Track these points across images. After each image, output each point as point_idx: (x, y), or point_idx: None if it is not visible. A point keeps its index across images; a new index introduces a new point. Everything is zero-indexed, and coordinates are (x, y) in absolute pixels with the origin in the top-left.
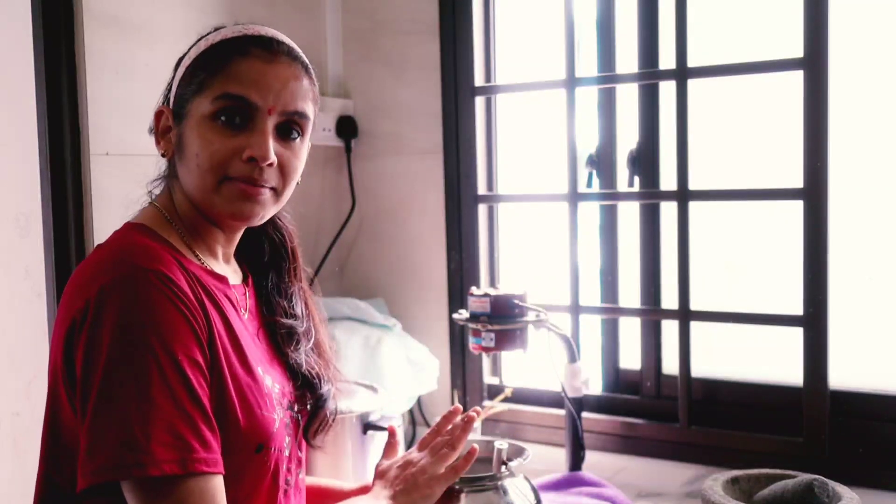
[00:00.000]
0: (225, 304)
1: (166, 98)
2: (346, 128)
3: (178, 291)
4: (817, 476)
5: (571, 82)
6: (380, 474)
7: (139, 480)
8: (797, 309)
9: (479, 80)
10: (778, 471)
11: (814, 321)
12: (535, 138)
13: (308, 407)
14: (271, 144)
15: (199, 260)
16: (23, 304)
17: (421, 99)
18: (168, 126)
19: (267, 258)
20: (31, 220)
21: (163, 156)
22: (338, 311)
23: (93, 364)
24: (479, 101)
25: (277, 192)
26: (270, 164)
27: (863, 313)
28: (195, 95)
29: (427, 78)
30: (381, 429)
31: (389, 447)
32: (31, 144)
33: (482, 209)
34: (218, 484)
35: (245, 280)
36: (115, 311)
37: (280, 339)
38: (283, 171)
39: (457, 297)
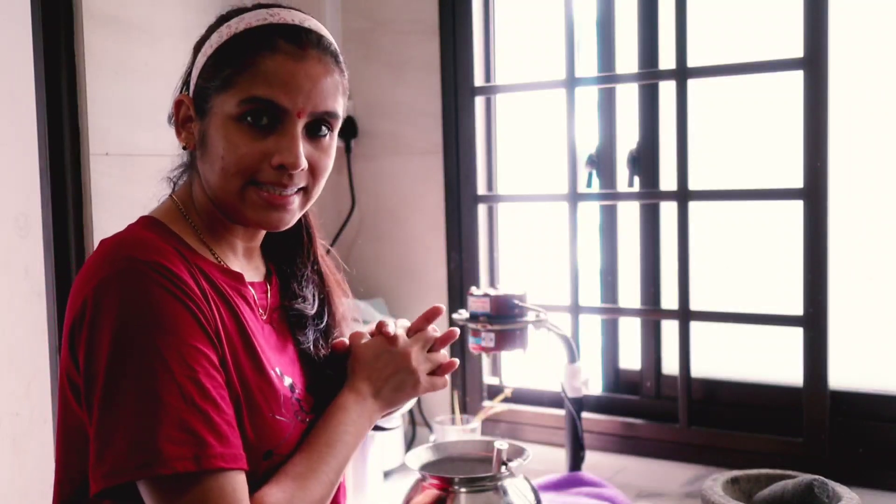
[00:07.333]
0: (239, 304)
1: (185, 84)
2: (346, 128)
3: (179, 282)
4: (817, 476)
5: (571, 82)
6: (358, 352)
7: (153, 481)
8: (797, 309)
9: (478, 80)
10: (778, 471)
11: (814, 321)
12: (535, 138)
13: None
14: (301, 149)
15: (215, 257)
16: (22, 304)
17: (421, 99)
18: (189, 116)
19: (288, 245)
20: (31, 220)
21: (184, 148)
22: None
23: (95, 364)
24: (479, 101)
25: (307, 192)
26: (301, 170)
27: (863, 313)
28: (219, 92)
29: (427, 78)
30: (382, 429)
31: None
32: (31, 144)
33: (482, 209)
34: (239, 480)
35: (269, 276)
36: (113, 308)
37: (292, 327)
38: (314, 171)
39: (457, 297)
